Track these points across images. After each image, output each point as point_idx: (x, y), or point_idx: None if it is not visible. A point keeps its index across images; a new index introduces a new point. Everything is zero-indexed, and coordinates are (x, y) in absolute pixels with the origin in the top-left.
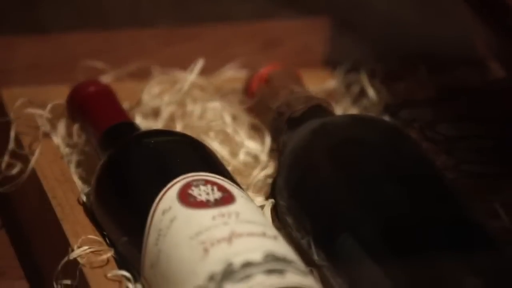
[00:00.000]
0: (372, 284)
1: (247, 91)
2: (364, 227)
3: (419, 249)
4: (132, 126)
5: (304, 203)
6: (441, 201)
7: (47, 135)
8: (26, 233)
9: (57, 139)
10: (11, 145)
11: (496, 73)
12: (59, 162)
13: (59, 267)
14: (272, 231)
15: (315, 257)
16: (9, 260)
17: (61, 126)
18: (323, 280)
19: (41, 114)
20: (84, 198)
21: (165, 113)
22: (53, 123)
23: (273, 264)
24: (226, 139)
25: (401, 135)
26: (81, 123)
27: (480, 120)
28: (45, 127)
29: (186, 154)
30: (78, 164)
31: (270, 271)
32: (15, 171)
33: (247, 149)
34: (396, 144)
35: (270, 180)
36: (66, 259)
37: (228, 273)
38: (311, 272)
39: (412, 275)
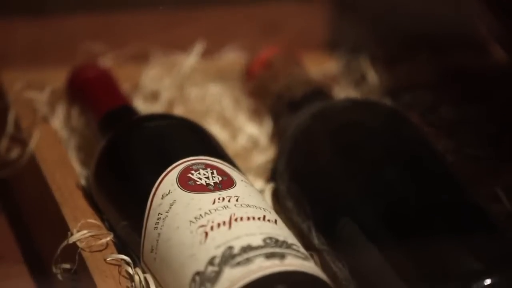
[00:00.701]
0: (373, 269)
1: (247, 74)
2: (364, 211)
3: (420, 233)
4: (131, 109)
5: (304, 187)
6: (441, 185)
7: (46, 119)
8: (25, 217)
9: (56, 122)
10: (10, 129)
11: (497, 56)
12: (58, 146)
13: (58, 251)
14: (272, 215)
15: (315, 241)
16: (8, 244)
17: (60, 110)
18: (323, 264)
19: (40, 98)
20: (83, 182)
21: (165, 96)
22: (52, 106)
23: (273, 248)
24: (226, 123)
25: (402, 119)
26: (80, 107)
27: (481, 103)
28: (43, 111)
29: (186, 138)
30: (77, 148)
31: (270, 255)
32: (14, 155)
33: (247, 133)
34: (397, 128)
35: (270, 164)
36: (65, 243)
37: (228, 256)
38: (311, 256)
39: (413, 259)
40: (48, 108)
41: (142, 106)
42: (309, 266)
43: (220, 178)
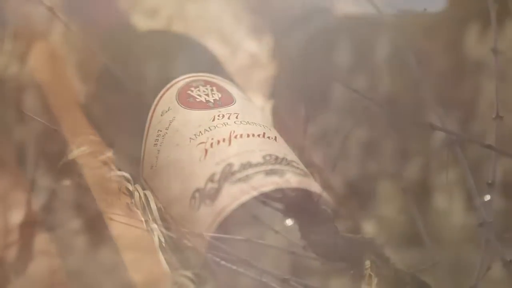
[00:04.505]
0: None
1: None
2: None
3: None
4: (130, 26)
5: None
6: None
7: (44, 35)
8: None
9: (55, 38)
10: (8, 44)
11: None
12: (57, 62)
13: (58, 167)
14: (272, 132)
15: (315, 158)
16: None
17: (59, 26)
18: (322, 181)
19: (38, 13)
20: (82, 99)
21: (164, 12)
22: (50, 21)
23: (273, 164)
24: (226, 39)
25: None
26: (78, 22)
27: None
28: (42, 26)
29: (185, 55)
30: (76, 64)
31: (269, 172)
32: (12, 71)
33: (247, 50)
34: None
35: (270, 81)
36: (64, 159)
37: (228, 173)
38: (311, 173)
39: None
40: (46, 23)
41: (141, 22)
42: (308, 183)
43: (220, 95)
